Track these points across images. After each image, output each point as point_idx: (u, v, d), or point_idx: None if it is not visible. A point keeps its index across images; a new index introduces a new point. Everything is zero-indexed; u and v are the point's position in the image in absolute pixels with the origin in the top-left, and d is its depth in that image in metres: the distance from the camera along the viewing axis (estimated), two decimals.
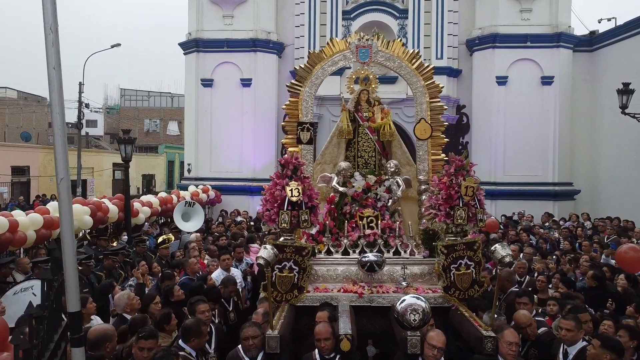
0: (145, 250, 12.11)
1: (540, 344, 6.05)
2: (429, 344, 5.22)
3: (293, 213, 6.83)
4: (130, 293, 7.19)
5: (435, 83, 8.42)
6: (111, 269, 9.80)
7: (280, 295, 6.91)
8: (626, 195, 19.77)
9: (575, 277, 9.80)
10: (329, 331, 5.50)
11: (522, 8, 21.52)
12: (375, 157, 8.61)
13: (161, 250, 11.70)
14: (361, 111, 8.76)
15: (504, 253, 5.67)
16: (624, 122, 18.19)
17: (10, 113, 37.95)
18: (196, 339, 5.66)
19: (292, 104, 8.45)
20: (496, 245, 5.84)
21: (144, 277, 9.19)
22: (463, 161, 7.00)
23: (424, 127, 8.19)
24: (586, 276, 8.76)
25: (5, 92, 41.14)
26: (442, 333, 5.42)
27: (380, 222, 7.57)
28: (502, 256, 5.67)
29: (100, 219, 15.37)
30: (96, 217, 15.05)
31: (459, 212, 6.72)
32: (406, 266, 7.14)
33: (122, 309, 6.83)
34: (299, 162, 7.08)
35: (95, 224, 15.27)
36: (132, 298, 6.96)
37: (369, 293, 6.98)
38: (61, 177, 3.59)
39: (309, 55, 8.55)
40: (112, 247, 12.07)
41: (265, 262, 5.79)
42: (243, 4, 22.64)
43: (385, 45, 8.39)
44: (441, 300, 6.89)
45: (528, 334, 6.09)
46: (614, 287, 8.47)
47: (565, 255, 11.16)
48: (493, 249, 5.81)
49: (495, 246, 5.82)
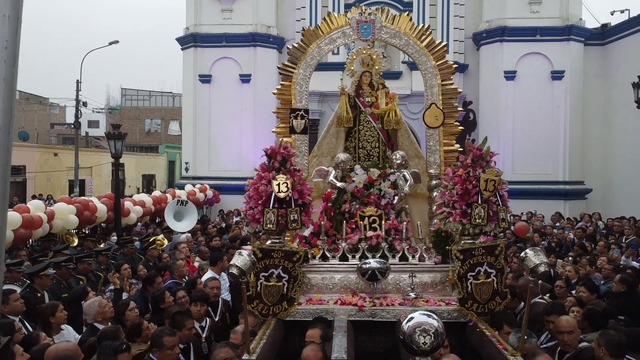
0: (133, 251, 11.18)
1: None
2: None
3: (280, 212, 5.68)
4: (102, 300, 6.19)
5: (448, 63, 7.25)
6: (87, 273, 8.95)
7: (267, 308, 5.76)
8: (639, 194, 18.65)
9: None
10: (319, 356, 4.35)
11: (531, 0, 20.37)
12: (379, 148, 7.39)
13: (151, 250, 10.74)
14: (363, 96, 7.54)
15: (537, 261, 4.45)
16: (638, 118, 17.20)
17: None
18: (159, 352, 4.66)
19: (285, 88, 7.29)
20: (527, 251, 4.61)
21: (125, 281, 8.23)
22: (482, 150, 5.82)
23: (435, 114, 7.01)
24: (613, 280, 7.69)
25: None
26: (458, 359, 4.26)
27: (384, 223, 6.38)
28: (535, 264, 4.46)
29: (87, 218, 14.34)
30: (82, 216, 14.02)
31: (477, 210, 5.55)
32: (415, 274, 5.95)
33: (93, 317, 5.87)
34: (288, 153, 5.93)
35: (82, 224, 14.27)
36: (103, 305, 5.95)
37: (371, 306, 5.81)
38: None
39: (303, 33, 7.37)
40: (98, 248, 11.11)
41: (240, 271, 4.61)
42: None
43: (391, 20, 7.21)
44: (456, 315, 5.72)
45: (566, 343, 4.99)
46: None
47: (581, 257, 10.05)
48: (523, 255, 4.59)
49: (526, 252, 4.60)
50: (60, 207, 13.51)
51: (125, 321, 5.88)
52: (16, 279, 7.93)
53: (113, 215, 15.30)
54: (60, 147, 29.93)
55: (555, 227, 15.99)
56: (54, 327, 5.57)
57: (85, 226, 14.89)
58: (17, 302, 6.06)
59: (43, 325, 5.70)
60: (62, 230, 13.53)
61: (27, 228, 11.80)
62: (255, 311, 5.75)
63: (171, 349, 4.71)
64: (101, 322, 5.80)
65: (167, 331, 4.85)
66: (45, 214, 12.61)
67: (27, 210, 12.28)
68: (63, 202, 13.88)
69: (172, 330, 4.94)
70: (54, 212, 13.05)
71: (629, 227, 14.63)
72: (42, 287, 7.49)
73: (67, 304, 6.68)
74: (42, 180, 25.81)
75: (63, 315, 5.84)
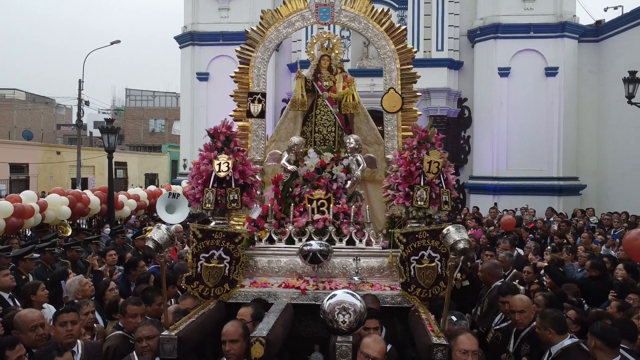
0: (124, 242, 11.14)
1: (533, 339, 4.72)
2: (362, 353, 3.83)
3: (220, 191, 5.45)
4: (83, 278, 6.37)
5: (408, 47, 6.94)
6: (75, 260, 9.10)
7: (208, 289, 5.54)
8: (634, 190, 18.23)
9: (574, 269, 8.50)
10: (239, 332, 4.14)
11: None
12: (335, 133, 7.07)
13: (138, 240, 10.68)
14: (321, 80, 7.27)
15: (458, 237, 4.17)
16: (631, 115, 16.72)
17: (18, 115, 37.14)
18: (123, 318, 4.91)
19: (242, 71, 7.06)
20: (449, 227, 4.32)
21: (106, 267, 8.39)
22: (427, 132, 5.55)
23: (393, 98, 6.74)
24: (585, 266, 7.55)
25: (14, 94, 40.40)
26: (381, 340, 4.01)
27: (332, 206, 6.11)
28: (454, 241, 4.18)
29: (80, 210, 14.26)
30: (75, 208, 13.94)
31: (419, 192, 5.28)
32: (359, 258, 5.67)
33: (74, 295, 6.09)
34: (231, 132, 5.71)
35: (75, 216, 14.18)
36: (84, 284, 6.17)
37: (314, 289, 5.55)
38: None
39: (261, 16, 7.13)
40: (88, 237, 11.02)
41: (155, 244, 4.38)
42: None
43: (351, 3, 6.94)
44: (400, 300, 5.46)
45: (518, 322, 4.88)
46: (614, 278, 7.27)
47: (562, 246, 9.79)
48: (445, 231, 4.31)
49: (447, 228, 4.31)
50: (52, 198, 13.44)
51: (105, 300, 6.01)
52: (4, 263, 7.98)
53: (107, 208, 15.20)
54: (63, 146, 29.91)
55: (546, 222, 15.57)
56: (35, 305, 5.69)
57: (78, 218, 14.78)
58: (7, 278, 6.28)
59: (24, 303, 5.84)
60: (55, 221, 13.46)
61: (18, 217, 11.76)
62: (195, 292, 5.54)
63: (133, 317, 4.80)
64: (81, 299, 5.85)
65: (132, 300, 5.01)
66: (37, 204, 12.54)
67: (19, 199, 12.21)
68: (56, 194, 13.81)
69: (139, 300, 5.06)
70: (46, 203, 12.97)
71: (617, 221, 14.27)
72: (26, 270, 7.66)
73: (48, 284, 6.86)
74: (45, 178, 25.77)
75: (44, 294, 5.95)
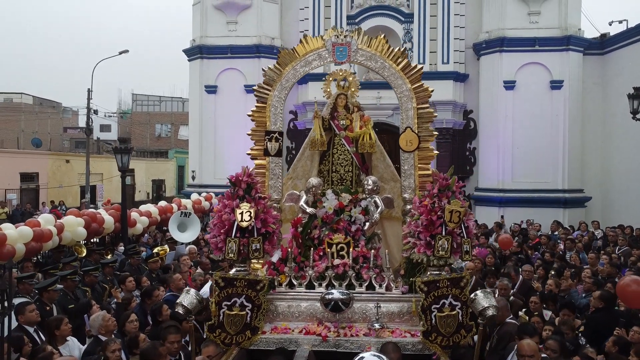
0: (139, 262, 11.12)
1: None
2: None
3: (243, 241, 5.43)
4: (106, 314, 6.39)
5: (425, 86, 6.89)
6: (93, 284, 8.99)
7: (230, 337, 5.52)
8: (639, 202, 18.10)
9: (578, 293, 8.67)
10: None
11: (530, 11, 19.91)
12: (352, 172, 7.05)
13: (150, 264, 10.66)
14: (338, 119, 7.24)
15: (486, 304, 4.15)
16: (636, 128, 16.58)
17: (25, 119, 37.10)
18: None
19: (260, 110, 7.04)
20: (477, 292, 4.29)
21: (130, 294, 8.35)
22: (448, 179, 5.53)
23: (410, 138, 6.69)
24: (592, 295, 7.42)
25: (21, 98, 40.24)
26: None
27: (352, 250, 6.08)
28: (483, 307, 4.15)
29: (95, 230, 14.31)
30: (90, 228, 13.98)
31: (440, 242, 5.26)
32: (380, 304, 5.65)
33: (97, 330, 6.16)
34: (252, 180, 5.68)
35: (90, 236, 14.26)
36: (107, 319, 6.21)
37: (335, 336, 5.53)
38: None
39: (278, 55, 7.12)
40: (105, 260, 11.12)
41: (185, 310, 4.37)
42: (247, 9, 21.44)
43: (367, 42, 6.92)
44: (421, 347, 5.43)
45: None
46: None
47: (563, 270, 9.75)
48: (473, 296, 4.28)
49: (476, 293, 4.29)
50: (69, 220, 13.46)
51: (126, 332, 6.13)
52: (29, 291, 8.17)
53: (120, 226, 15.22)
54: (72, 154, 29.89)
55: (551, 237, 15.50)
56: (59, 339, 5.90)
57: (93, 237, 14.84)
58: (33, 313, 6.32)
59: (49, 337, 6.01)
60: (71, 242, 13.48)
61: (37, 241, 11.75)
62: (217, 340, 5.52)
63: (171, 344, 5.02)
64: (104, 334, 6.01)
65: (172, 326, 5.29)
66: (55, 227, 12.55)
67: (37, 224, 12.20)
68: (72, 215, 13.84)
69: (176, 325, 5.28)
70: (63, 225, 12.98)
71: (622, 238, 14.22)
72: (50, 301, 7.65)
73: (72, 315, 6.99)
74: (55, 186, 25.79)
75: (67, 328, 6.14)
